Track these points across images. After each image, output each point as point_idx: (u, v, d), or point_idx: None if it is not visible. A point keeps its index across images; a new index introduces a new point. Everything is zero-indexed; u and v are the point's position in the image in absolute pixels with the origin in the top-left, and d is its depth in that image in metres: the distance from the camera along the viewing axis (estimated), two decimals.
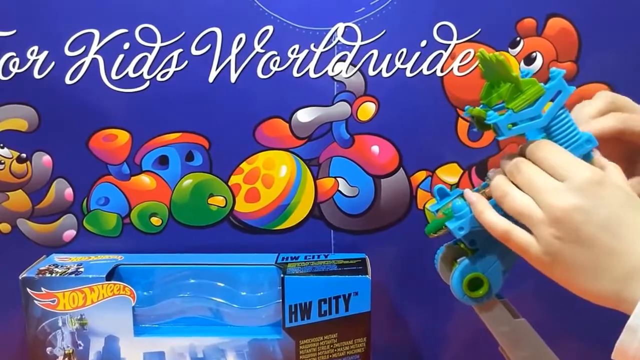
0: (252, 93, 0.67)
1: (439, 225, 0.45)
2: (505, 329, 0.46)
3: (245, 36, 0.65)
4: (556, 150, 0.40)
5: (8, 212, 0.70)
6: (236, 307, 0.66)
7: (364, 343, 0.63)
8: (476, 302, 0.46)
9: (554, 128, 0.42)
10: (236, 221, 0.70)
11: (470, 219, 0.43)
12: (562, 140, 0.42)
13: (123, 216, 0.70)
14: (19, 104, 0.67)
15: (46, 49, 0.65)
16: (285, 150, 0.68)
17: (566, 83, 0.42)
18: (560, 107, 0.42)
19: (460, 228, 0.43)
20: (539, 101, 0.41)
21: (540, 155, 0.40)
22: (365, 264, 0.65)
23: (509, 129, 0.41)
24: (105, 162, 0.69)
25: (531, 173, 0.39)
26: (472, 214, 0.43)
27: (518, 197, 0.40)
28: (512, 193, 0.40)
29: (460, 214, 0.43)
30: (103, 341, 0.63)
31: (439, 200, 0.47)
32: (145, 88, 0.66)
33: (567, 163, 0.39)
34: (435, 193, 0.48)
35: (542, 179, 0.39)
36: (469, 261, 0.45)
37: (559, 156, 0.39)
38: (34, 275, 0.63)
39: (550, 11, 0.65)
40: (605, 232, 0.37)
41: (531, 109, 0.41)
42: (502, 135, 0.42)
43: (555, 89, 0.42)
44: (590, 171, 0.38)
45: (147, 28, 0.65)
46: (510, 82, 0.41)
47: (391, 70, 0.66)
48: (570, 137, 0.42)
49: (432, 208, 0.47)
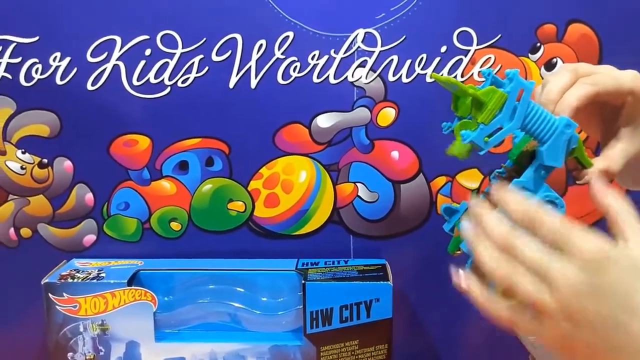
0: (272, 99, 0.67)
1: (458, 242, 0.45)
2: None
3: (266, 42, 0.66)
4: (548, 218, 0.36)
5: (29, 217, 0.70)
6: (257, 313, 0.66)
7: (385, 350, 0.62)
8: None
9: (529, 125, 0.41)
10: (255, 226, 0.70)
11: None
12: (542, 134, 0.41)
13: (143, 221, 0.70)
14: (41, 109, 0.67)
15: (68, 56, 0.66)
16: (305, 155, 0.68)
17: (524, 80, 0.41)
18: (528, 104, 0.41)
19: None
20: (505, 106, 0.41)
21: (532, 218, 0.36)
22: (386, 269, 0.65)
23: (486, 142, 0.41)
24: (125, 167, 0.69)
25: (531, 252, 0.35)
26: None
27: (527, 284, 0.35)
28: (517, 281, 0.35)
29: None
30: (124, 347, 0.64)
31: (449, 219, 0.48)
32: (166, 94, 0.67)
33: (566, 235, 0.35)
34: (443, 214, 0.48)
35: (545, 258, 0.35)
36: None
37: (552, 224, 0.35)
38: (56, 281, 0.63)
39: (571, 17, 0.65)
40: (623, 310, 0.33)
41: (500, 116, 0.41)
42: (483, 150, 0.41)
43: (516, 88, 0.41)
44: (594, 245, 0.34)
45: (169, 34, 0.65)
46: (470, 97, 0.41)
47: (411, 76, 0.66)
48: (548, 128, 0.41)
49: (446, 228, 0.48)
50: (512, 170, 0.45)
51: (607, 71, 0.44)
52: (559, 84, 0.43)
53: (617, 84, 0.43)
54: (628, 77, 0.43)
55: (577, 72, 0.44)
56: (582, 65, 0.45)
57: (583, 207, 0.69)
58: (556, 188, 0.69)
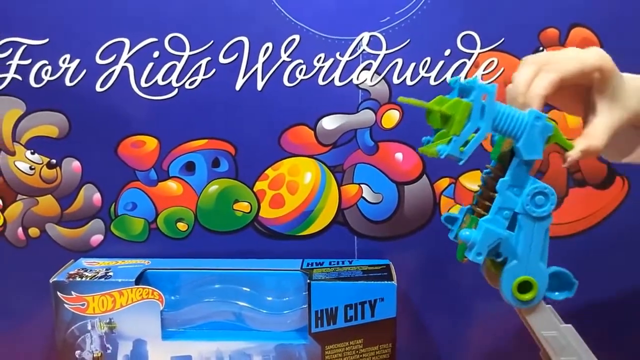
0: (278, 101, 0.68)
1: (464, 249, 0.46)
2: (552, 333, 0.46)
3: (272, 45, 0.67)
4: None
5: (37, 216, 0.71)
6: (263, 312, 0.66)
7: (389, 349, 0.63)
8: (525, 305, 0.46)
9: (500, 126, 0.42)
10: (261, 227, 0.71)
11: (481, 241, 0.43)
12: (514, 132, 0.42)
13: (150, 221, 0.71)
14: (50, 110, 0.68)
15: (78, 58, 0.67)
16: (310, 157, 0.69)
17: (485, 83, 0.42)
18: (494, 107, 0.42)
19: (478, 254, 0.44)
20: (473, 114, 0.42)
21: None
22: (390, 270, 0.66)
23: (462, 151, 0.42)
24: (133, 168, 0.70)
25: None
26: (481, 235, 0.43)
27: None
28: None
29: (471, 242, 0.44)
30: (131, 345, 0.64)
31: (452, 227, 0.49)
32: (174, 96, 0.68)
33: None
34: (445, 223, 0.49)
35: None
36: (514, 264, 0.46)
37: None
38: (64, 279, 0.64)
39: (573, 21, 0.66)
40: None
41: (470, 124, 0.42)
42: (462, 160, 0.43)
43: (479, 95, 0.42)
44: None
45: (176, 37, 0.66)
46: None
47: (415, 79, 0.67)
48: (519, 125, 0.42)
49: (450, 236, 0.49)
50: (497, 170, 0.46)
51: (569, 54, 0.45)
52: (523, 77, 0.45)
53: (580, 65, 0.44)
54: (591, 55, 0.45)
55: (539, 62, 0.45)
56: (543, 54, 0.47)
57: (585, 208, 0.70)
58: (557, 189, 0.70)
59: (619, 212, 0.70)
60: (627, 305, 0.72)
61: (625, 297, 0.71)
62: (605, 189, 0.70)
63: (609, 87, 0.45)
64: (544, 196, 0.44)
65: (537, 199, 0.44)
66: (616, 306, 0.72)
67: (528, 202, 0.44)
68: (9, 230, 0.71)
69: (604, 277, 0.70)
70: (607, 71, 0.44)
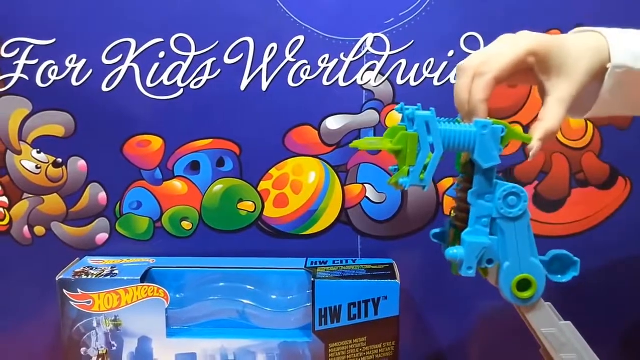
0: (282, 101, 0.68)
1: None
2: (552, 330, 0.47)
3: (277, 45, 0.67)
4: None
5: (43, 215, 0.71)
6: (267, 310, 0.67)
7: (392, 347, 0.64)
8: (526, 303, 0.46)
9: (451, 146, 0.44)
10: (265, 226, 0.71)
11: (467, 256, 0.44)
12: (466, 146, 0.43)
13: (155, 220, 0.72)
14: (56, 110, 0.69)
15: (84, 58, 0.67)
16: (314, 156, 0.70)
17: (422, 112, 0.43)
18: (439, 131, 0.43)
19: (469, 268, 0.45)
20: (421, 142, 0.43)
21: None
22: (394, 268, 0.66)
23: (422, 179, 0.43)
24: (138, 167, 0.70)
25: None
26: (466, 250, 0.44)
27: None
28: None
29: (458, 260, 0.45)
30: (136, 342, 0.65)
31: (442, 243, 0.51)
32: (179, 95, 0.68)
33: None
34: (434, 240, 0.51)
35: None
36: (507, 266, 0.46)
37: None
38: (70, 277, 0.64)
39: (577, 22, 0.66)
40: None
41: (422, 152, 0.43)
42: (425, 187, 0.44)
43: (422, 123, 0.43)
44: None
45: (182, 37, 0.67)
46: None
47: (419, 80, 0.68)
48: (468, 139, 0.43)
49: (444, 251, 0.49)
50: (465, 182, 0.47)
51: (500, 48, 0.45)
52: (461, 86, 0.45)
53: (512, 55, 0.44)
54: (522, 41, 0.45)
55: (472, 66, 0.45)
56: (475, 55, 0.46)
57: (587, 208, 0.70)
58: (559, 191, 0.70)
59: (621, 213, 0.70)
60: (628, 304, 0.72)
61: (627, 296, 0.72)
62: (607, 189, 0.70)
63: (550, 66, 0.45)
64: (515, 196, 0.45)
65: (510, 200, 0.45)
66: (618, 305, 0.72)
67: (502, 206, 0.45)
68: (15, 228, 0.72)
69: (606, 277, 0.71)
70: (542, 52, 0.45)
